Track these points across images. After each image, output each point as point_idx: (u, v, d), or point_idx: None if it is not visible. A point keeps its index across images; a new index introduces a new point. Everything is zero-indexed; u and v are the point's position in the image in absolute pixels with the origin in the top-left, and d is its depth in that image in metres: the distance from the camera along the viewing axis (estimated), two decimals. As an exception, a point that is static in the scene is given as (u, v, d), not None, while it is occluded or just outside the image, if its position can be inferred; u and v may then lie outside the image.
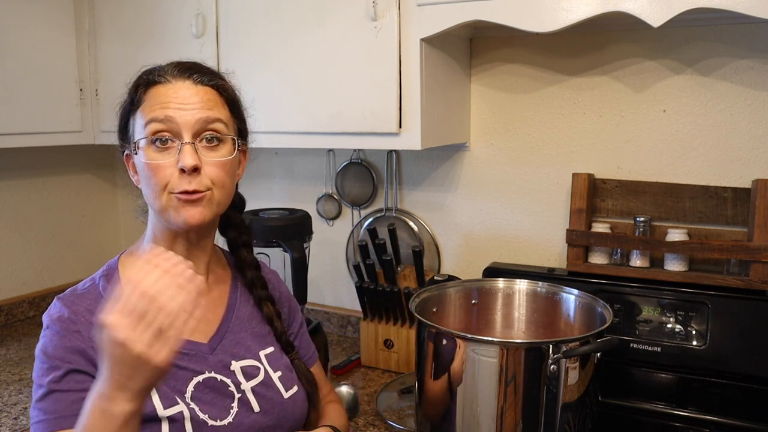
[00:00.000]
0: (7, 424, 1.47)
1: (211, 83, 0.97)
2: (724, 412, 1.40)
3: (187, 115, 0.92)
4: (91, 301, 0.95)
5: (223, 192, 0.96)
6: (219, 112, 0.96)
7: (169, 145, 0.92)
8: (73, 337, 0.90)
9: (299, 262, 1.47)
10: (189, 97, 0.93)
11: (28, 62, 1.86)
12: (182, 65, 0.97)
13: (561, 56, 1.65)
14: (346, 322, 2.04)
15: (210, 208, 0.94)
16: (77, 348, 0.90)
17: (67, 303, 0.94)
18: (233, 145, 0.98)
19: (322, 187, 2.04)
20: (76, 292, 0.97)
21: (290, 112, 1.63)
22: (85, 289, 0.97)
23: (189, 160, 0.90)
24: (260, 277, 1.10)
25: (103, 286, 0.97)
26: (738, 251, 1.41)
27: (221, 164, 0.94)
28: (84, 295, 0.96)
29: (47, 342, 0.91)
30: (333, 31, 1.54)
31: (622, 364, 1.49)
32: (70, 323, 0.91)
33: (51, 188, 2.28)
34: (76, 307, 0.93)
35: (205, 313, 1.02)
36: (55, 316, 0.92)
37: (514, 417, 1.09)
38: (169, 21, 1.79)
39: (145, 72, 0.97)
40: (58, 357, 0.90)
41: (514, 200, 1.76)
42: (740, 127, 1.50)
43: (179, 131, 0.92)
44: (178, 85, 0.94)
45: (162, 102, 0.92)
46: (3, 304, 2.13)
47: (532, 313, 1.40)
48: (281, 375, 1.05)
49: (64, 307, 0.93)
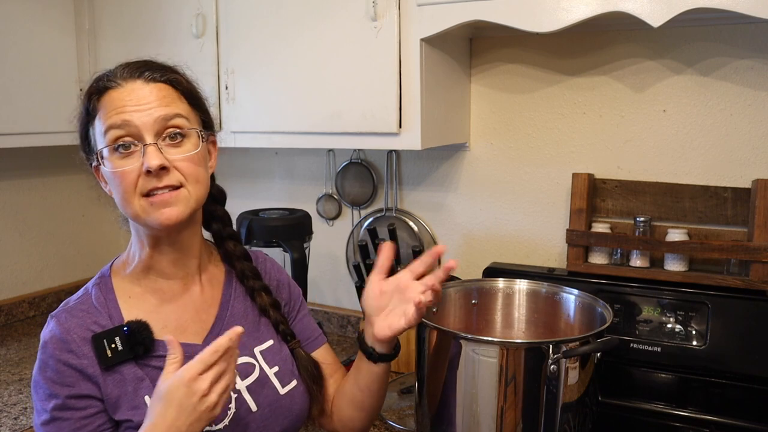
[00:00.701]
0: (7, 424, 1.47)
1: (164, 78, 0.94)
2: (724, 412, 1.40)
3: (145, 116, 0.89)
4: (84, 314, 0.94)
5: (198, 186, 0.94)
6: (177, 107, 0.93)
7: (132, 149, 0.89)
8: (68, 357, 0.90)
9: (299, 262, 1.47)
10: (144, 97, 0.90)
11: (28, 62, 1.86)
12: (131, 65, 0.94)
13: (561, 56, 1.65)
14: (346, 322, 2.04)
15: (187, 205, 0.92)
16: (74, 367, 0.90)
17: (60, 320, 0.93)
18: (198, 138, 0.95)
19: (322, 187, 2.04)
20: (68, 305, 0.96)
21: (290, 112, 1.63)
22: (78, 301, 0.96)
23: (154, 161, 0.88)
24: (251, 267, 1.08)
25: (96, 296, 0.97)
26: (738, 251, 1.41)
27: (189, 159, 0.92)
28: (76, 309, 0.95)
29: (44, 365, 0.91)
30: (333, 31, 1.54)
31: (622, 364, 1.49)
32: (62, 343, 0.90)
33: (51, 188, 2.28)
34: (68, 323, 0.92)
35: (199, 314, 1.01)
36: (47, 336, 0.92)
37: (514, 417, 1.09)
38: (169, 21, 1.79)
39: (96, 79, 0.95)
40: (56, 382, 0.90)
41: (514, 200, 1.76)
42: (740, 127, 1.50)
43: (139, 133, 0.89)
44: (130, 86, 0.91)
45: (117, 107, 0.90)
46: (3, 304, 2.13)
47: (532, 313, 1.39)
48: (278, 370, 1.04)
49: (56, 327, 0.92)
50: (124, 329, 0.92)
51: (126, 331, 0.92)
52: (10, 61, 1.82)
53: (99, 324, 0.93)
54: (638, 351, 1.47)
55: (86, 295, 0.97)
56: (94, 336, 0.91)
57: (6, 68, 1.80)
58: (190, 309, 1.01)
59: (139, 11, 1.86)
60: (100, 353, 0.90)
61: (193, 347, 0.97)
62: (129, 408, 0.91)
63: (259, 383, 1.01)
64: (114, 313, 0.95)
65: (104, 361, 0.90)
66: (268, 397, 1.01)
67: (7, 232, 2.15)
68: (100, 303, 0.95)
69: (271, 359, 1.04)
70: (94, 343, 0.91)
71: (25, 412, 1.53)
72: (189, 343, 0.98)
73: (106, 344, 0.91)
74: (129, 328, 0.93)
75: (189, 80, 0.99)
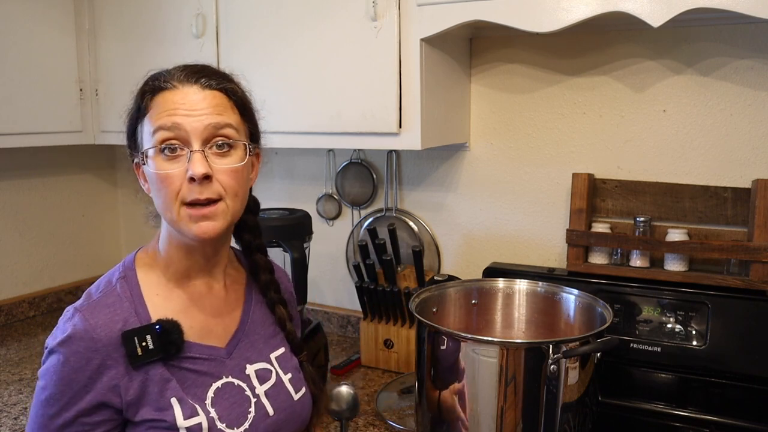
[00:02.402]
0: (7, 424, 1.47)
1: (220, 87, 0.93)
2: (724, 412, 1.40)
3: (196, 122, 0.88)
4: (111, 310, 0.90)
5: (236, 201, 0.92)
6: (229, 117, 0.92)
7: (178, 153, 0.88)
8: (93, 356, 0.86)
9: (299, 262, 1.47)
10: (197, 103, 0.89)
11: (28, 62, 1.86)
12: (189, 69, 0.93)
13: (561, 56, 1.65)
14: (346, 322, 2.04)
15: (225, 219, 0.91)
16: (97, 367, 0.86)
17: (86, 315, 0.88)
18: (245, 151, 0.93)
19: (322, 187, 2.04)
20: (92, 299, 0.91)
21: (290, 112, 1.63)
22: (102, 294, 0.92)
23: (199, 168, 0.86)
24: (274, 280, 1.08)
25: (122, 290, 0.93)
26: (738, 251, 1.41)
27: (232, 171, 0.91)
28: (101, 304, 0.90)
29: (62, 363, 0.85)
30: (333, 31, 1.54)
31: (622, 364, 1.49)
32: (88, 341, 0.86)
33: (51, 188, 2.28)
34: (95, 319, 0.87)
35: (223, 317, 1.01)
36: (71, 330, 0.86)
37: (514, 417, 1.09)
38: (169, 21, 1.79)
39: (151, 78, 0.93)
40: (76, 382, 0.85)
41: (514, 200, 1.76)
42: (740, 127, 1.50)
43: (188, 139, 0.88)
44: (185, 90, 0.90)
45: (169, 109, 0.88)
46: (3, 304, 2.13)
47: (532, 313, 1.40)
48: (291, 377, 1.05)
49: (82, 322, 0.87)
50: (156, 328, 0.89)
51: (158, 330, 0.89)
52: (10, 61, 1.82)
53: (126, 321, 0.89)
54: (638, 351, 1.47)
55: (110, 288, 0.93)
56: (125, 333, 0.87)
57: (6, 68, 1.81)
58: (215, 311, 1.00)
59: (139, 11, 1.86)
60: (131, 351, 0.87)
61: (217, 350, 0.97)
62: (154, 409, 0.89)
63: (276, 389, 1.01)
64: (140, 309, 0.92)
65: (134, 359, 0.87)
66: (284, 402, 1.01)
67: (7, 232, 2.15)
68: (126, 298, 0.92)
69: (284, 366, 1.05)
70: (125, 341, 0.87)
71: (25, 412, 1.53)
72: (213, 345, 0.97)
73: (137, 342, 0.87)
74: (162, 327, 0.90)
75: (243, 90, 0.98)
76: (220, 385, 0.95)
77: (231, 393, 0.95)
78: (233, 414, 0.94)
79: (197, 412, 0.90)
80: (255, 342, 1.03)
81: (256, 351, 1.02)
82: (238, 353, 0.99)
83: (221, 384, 0.95)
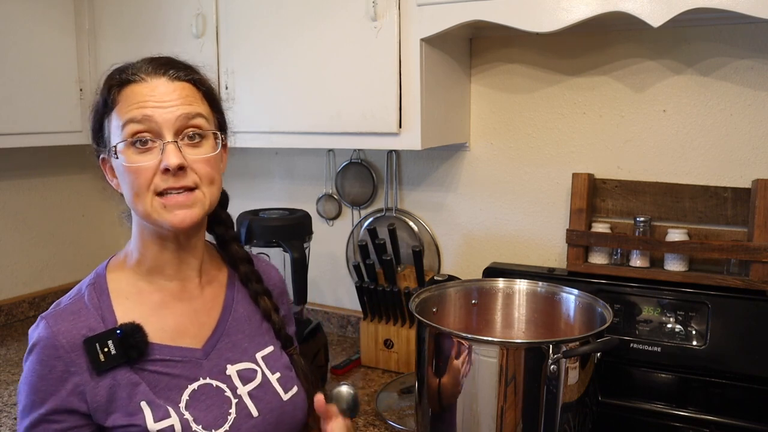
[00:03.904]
0: (7, 424, 1.47)
1: (188, 78, 0.93)
2: (724, 412, 1.40)
3: (167, 113, 0.88)
4: (75, 317, 0.90)
5: (212, 188, 0.93)
6: (199, 107, 0.92)
7: (150, 145, 0.88)
8: (55, 363, 0.87)
9: (299, 262, 1.47)
10: (167, 94, 0.89)
11: (28, 62, 1.86)
12: (156, 61, 0.93)
13: (561, 56, 1.65)
14: (346, 322, 2.04)
15: (202, 207, 0.91)
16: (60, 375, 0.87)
17: (50, 323, 0.89)
18: (215, 140, 0.94)
19: (322, 187, 2.04)
20: (59, 307, 0.92)
21: (290, 112, 1.63)
22: (69, 302, 0.92)
23: (173, 159, 0.86)
24: (254, 270, 1.07)
25: (89, 297, 0.93)
26: (738, 251, 1.41)
27: (206, 160, 0.91)
28: (67, 312, 0.91)
29: (30, 371, 0.89)
30: (333, 31, 1.54)
31: (622, 364, 1.49)
32: (51, 349, 0.87)
33: (51, 188, 2.28)
34: (58, 327, 0.88)
35: (199, 317, 0.99)
36: (35, 338, 0.89)
37: (514, 417, 1.09)
38: (169, 21, 1.79)
39: (117, 71, 0.92)
40: (40, 390, 0.88)
41: (514, 200, 1.76)
42: (740, 127, 1.50)
43: (160, 130, 0.87)
44: (154, 82, 0.89)
45: (139, 101, 0.88)
46: (3, 304, 2.13)
47: (532, 313, 1.40)
48: (280, 376, 1.02)
49: (45, 329, 0.88)
50: (117, 332, 0.89)
51: (119, 334, 0.89)
52: (10, 61, 1.82)
53: (90, 328, 0.89)
54: (638, 351, 1.47)
55: (79, 296, 0.93)
56: (86, 340, 0.87)
57: (6, 68, 1.80)
58: (188, 312, 0.98)
59: (139, 11, 1.86)
60: (93, 358, 0.87)
61: (192, 351, 0.95)
62: (124, 414, 0.88)
63: (261, 389, 0.99)
64: (107, 315, 0.92)
65: (97, 366, 0.87)
66: (270, 403, 0.99)
67: (7, 232, 2.15)
68: (93, 304, 0.92)
69: (272, 365, 1.03)
70: (86, 348, 0.87)
71: (25, 412, 1.53)
72: (187, 347, 0.95)
73: (99, 348, 0.87)
74: (122, 331, 0.89)
75: (209, 80, 0.98)
76: (197, 387, 0.93)
77: (208, 395, 0.93)
78: (210, 416, 0.92)
79: (169, 414, 0.89)
80: (238, 341, 1.01)
81: (239, 350, 1.00)
82: (216, 354, 0.97)
83: (197, 386, 0.93)
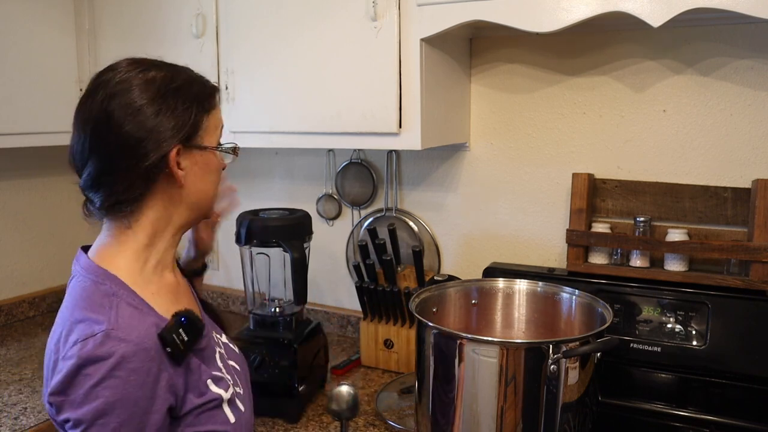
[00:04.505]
0: (7, 424, 1.47)
1: None
2: (724, 412, 1.40)
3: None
4: (139, 321, 0.87)
5: None
6: None
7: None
8: (152, 367, 0.84)
9: (299, 262, 1.47)
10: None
11: (28, 62, 1.86)
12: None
13: (561, 56, 1.65)
14: (346, 322, 2.04)
15: None
16: (155, 379, 0.84)
17: (122, 333, 0.84)
18: None
19: (322, 187, 2.04)
20: (110, 317, 0.85)
21: (290, 112, 1.63)
22: (115, 310, 0.87)
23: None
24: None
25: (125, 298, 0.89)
26: (738, 251, 1.41)
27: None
28: (126, 316, 0.86)
29: (123, 388, 0.81)
30: (333, 31, 1.54)
31: (622, 364, 1.49)
32: (143, 353, 0.83)
33: (51, 188, 2.28)
34: (134, 333, 0.84)
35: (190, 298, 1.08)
36: (110, 353, 0.81)
37: (514, 417, 1.09)
38: (169, 21, 1.79)
39: (211, 86, 1.01)
40: (144, 398, 0.83)
41: (514, 200, 1.76)
42: (740, 127, 1.50)
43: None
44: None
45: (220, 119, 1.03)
46: (3, 304, 2.13)
47: (532, 313, 1.40)
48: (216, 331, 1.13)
49: (120, 340, 0.83)
50: (182, 320, 0.90)
51: (184, 321, 0.90)
52: (10, 61, 1.82)
53: (156, 324, 0.88)
54: (638, 351, 1.47)
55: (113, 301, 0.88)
56: (161, 333, 0.86)
57: (6, 68, 1.80)
58: (186, 293, 1.07)
59: (139, 11, 1.86)
60: (174, 349, 0.87)
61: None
62: (196, 396, 0.91)
63: (229, 346, 1.11)
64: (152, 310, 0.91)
65: (179, 355, 0.88)
66: (235, 355, 1.11)
67: (7, 232, 2.15)
68: (135, 303, 0.89)
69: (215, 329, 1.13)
70: (165, 341, 0.86)
71: (25, 412, 1.53)
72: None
73: (176, 338, 0.88)
74: (186, 318, 0.91)
75: None
76: (218, 354, 1.02)
77: (223, 359, 1.03)
78: (234, 375, 1.03)
79: (228, 384, 0.98)
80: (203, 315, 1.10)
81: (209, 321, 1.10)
82: (209, 326, 1.06)
83: (218, 354, 1.02)
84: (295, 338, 1.53)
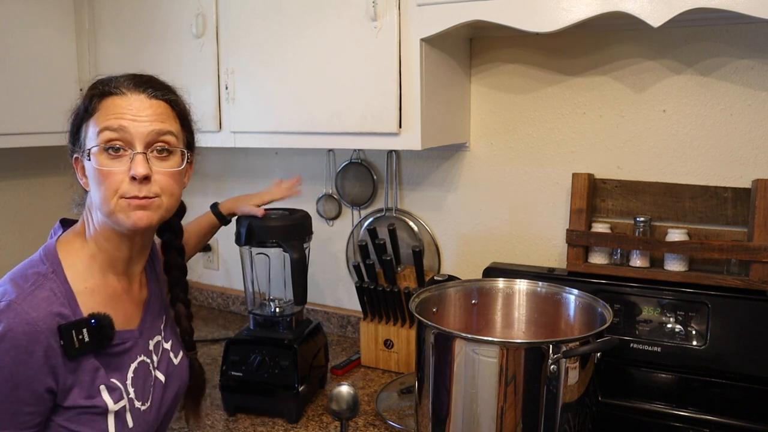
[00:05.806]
0: (7, 424, 1.47)
1: (165, 98, 1.02)
2: (724, 412, 1.40)
3: (141, 127, 0.97)
4: (47, 304, 0.93)
5: (171, 199, 1.02)
6: (171, 125, 1.01)
7: (121, 153, 0.97)
8: (36, 349, 0.90)
9: (299, 262, 1.47)
10: (143, 110, 0.98)
11: (28, 62, 1.86)
12: (138, 78, 1.01)
13: (561, 56, 1.65)
14: (346, 322, 2.04)
15: (158, 213, 1.00)
16: (40, 359, 0.90)
17: (23, 308, 0.91)
18: (182, 157, 1.04)
19: (322, 187, 2.04)
20: (25, 291, 0.93)
21: (290, 112, 1.63)
22: (35, 287, 0.94)
23: (141, 169, 0.95)
24: (185, 281, 1.20)
25: (53, 283, 0.95)
26: (738, 251, 1.41)
27: (170, 174, 1.00)
28: (37, 297, 0.93)
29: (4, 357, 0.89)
30: (333, 31, 1.54)
31: (622, 364, 1.49)
32: (32, 335, 0.89)
33: (51, 188, 2.28)
34: (33, 313, 0.91)
35: (137, 300, 1.09)
36: (5, 323, 0.89)
37: (514, 417, 1.09)
38: (169, 21, 1.79)
39: (100, 81, 1.01)
40: (20, 374, 0.89)
41: (514, 200, 1.76)
42: (740, 127, 1.50)
43: (132, 141, 0.97)
44: (132, 97, 0.98)
45: (117, 112, 0.97)
46: (3, 304, 2.13)
47: (532, 313, 1.40)
48: (172, 343, 1.16)
49: (19, 314, 0.90)
50: (92, 322, 0.95)
51: (93, 324, 0.96)
52: (10, 61, 1.82)
53: (62, 314, 0.93)
54: (638, 351, 1.47)
55: (40, 280, 0.95)
56: (62, 327, 0.92)
57: (6, 68, 1.80)
58: (132, 303, 1.08)
59: (139, 11, 1.86)
60: (68, 344, 0.92)
61: (133, 333, 1.06)
62: (83, 397, 0.95)
63: (164, 357, 1.13)
64: (71, 303, 0.96)
65: (71, 352, 0.93)
66: (168, 368, 1.13)
67: (7, 232, 2.15)
68: (59, 291, 0.95)
69: (167, 335, 1.17)
70: (62, 334, 0.92)
71: (25, 412, 1.52)
72: (130, 329, 1.06)
73: (74, 335, 0.93)
74: (96, 321, 0.96)
75: (185, 103, 1.08)
76: (136, 365, 1.05)
77: (143, 371, 1.06)
78: (144, 391, 1.05)
79: (122, 396, 1.00)
80: (154, 318, 1.13)
81: (155, 326, 1.13)
82: (147, 331, 1.09)
83: (136, 364, 1.05)
84: (295, 338, 1.54)
